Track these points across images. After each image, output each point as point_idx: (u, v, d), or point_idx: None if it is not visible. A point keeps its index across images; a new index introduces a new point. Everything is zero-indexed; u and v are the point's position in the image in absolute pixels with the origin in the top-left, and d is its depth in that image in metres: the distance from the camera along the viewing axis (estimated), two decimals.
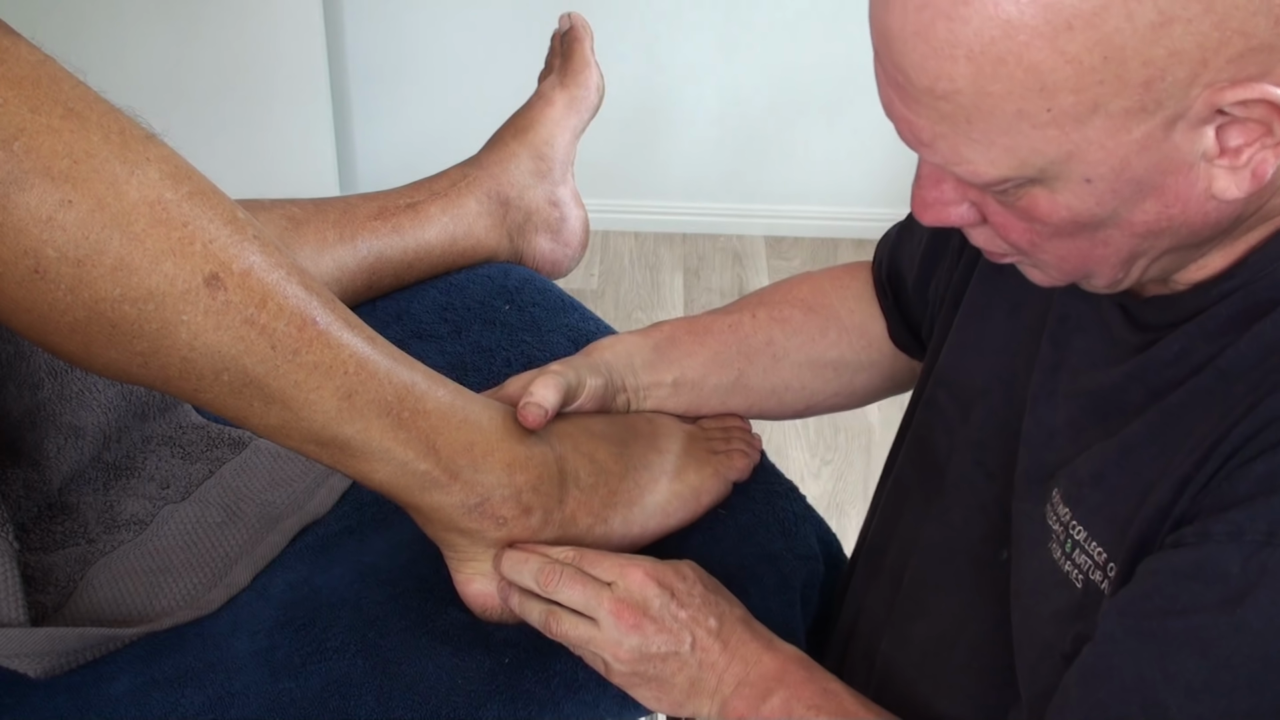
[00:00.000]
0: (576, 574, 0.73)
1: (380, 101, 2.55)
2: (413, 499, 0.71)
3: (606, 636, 0.72)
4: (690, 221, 2.72)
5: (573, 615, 0.73)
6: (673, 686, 0.73)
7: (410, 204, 1.04)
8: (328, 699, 0.71)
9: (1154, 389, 0.63)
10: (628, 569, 0.73)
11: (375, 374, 0.67)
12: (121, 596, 0.77)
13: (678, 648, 0.72)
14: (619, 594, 0.72)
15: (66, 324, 0.58)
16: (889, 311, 0.90)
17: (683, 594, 0.73)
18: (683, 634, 0.72)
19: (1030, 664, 0.68)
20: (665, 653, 0.72)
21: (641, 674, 0.73)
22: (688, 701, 0.73)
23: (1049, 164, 0.55)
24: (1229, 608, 0.54)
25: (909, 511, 0.82)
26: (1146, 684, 0.57)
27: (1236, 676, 0.54)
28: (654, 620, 0.72)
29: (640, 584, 0.73)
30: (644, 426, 0.83)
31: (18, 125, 0.56)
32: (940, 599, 0.78)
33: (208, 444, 0.90)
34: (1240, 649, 0.54)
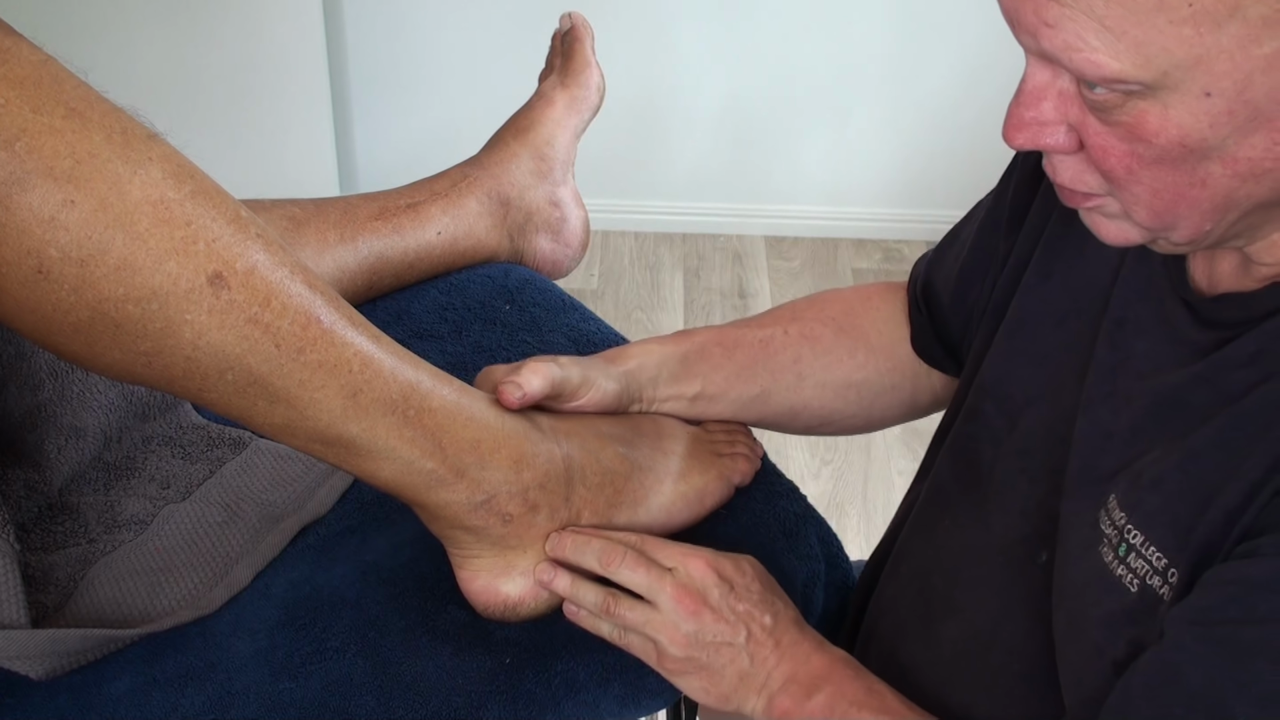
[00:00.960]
0: (640, 557, 0.75)
1: (380, 101, 2.55)
2: (418, 497, 0.71)
3: (665, 619, 0.73)
4: (690, 221, 2.72)
5: (631, 598, 0.74)
6: (723, 677, 0.74)
7: (411, 204, 1.04)
8: (328, 699, 0.71)
9: (1225, 392, 0.60)
10: (690, 557, 0.75)
11: (380, 372, 0.66)
12: (122, 596, 0.77)
13: (733, 639, 0.73)
14: (680, 579, 0.74)
15: (70, 324, 0.58)
16: (921, 326, 0.90)
17: (741, 588, 0.75)
18: (739, 626, 0.73)
19: (1075, 668, 0.67)
20: (720, 642, 0.73)
21: (695, 660, 0.73)
22: (735, 694, 0.74)
23: (1174, 67, 0.51)
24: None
25: (946, 518, 0.81)
26: (1216, 690, 0.56)
27: None
28: (712, 609, 0.73)
29: (702, 573, 0.74)
30: (649, 428, 0.83)
31: (20, 125, 0.55)
32: (973, 600, 0.76)
33: (208, 444, 0.90)
34: None
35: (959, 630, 0.77)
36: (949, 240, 0.89)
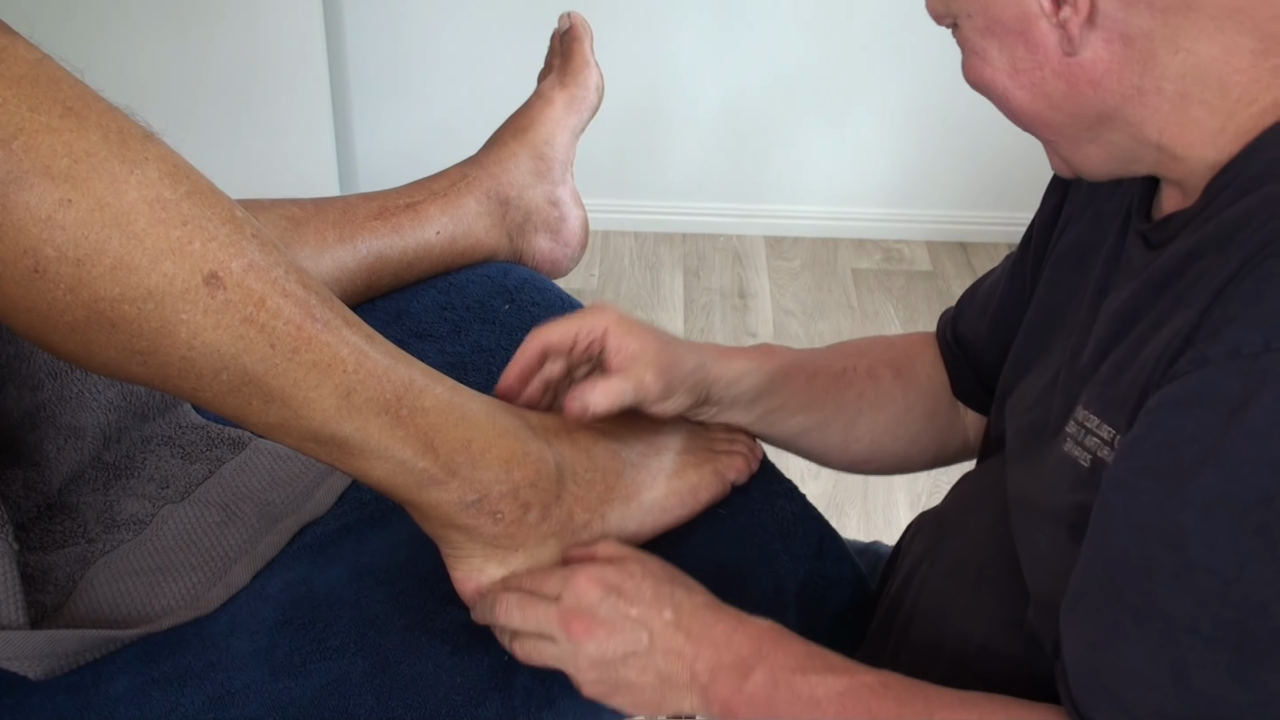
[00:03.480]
0: (521, 598, 0.72)
1: (380, 101, 2.55)
2: (411, 496, 0.71)
3: (563, 651, 0.71)
4: (690, 221, 2.72)
5: (534, 637, 0.72)
6: (642, 688, 0.71)
7: (410, 204, 1.04)
8: (327, 698, 0.71)
9: (1162, 284, 0.64)
10: (571, 578, 0.72)
11: (374, 372, 0.67)
12: (121, 596, 0.77)
13: (634, 647, 0.70)
14: (566, 605, 0.71)
15: (66, 323, 0.58)
16: (960, 372, 0.93)
17: (630, 592, 0.72)
18: (638, 632, 0.70)
19: (1033, 553, 0.70)
20: (623, 654, 0.70)
21: (607, 681, 0.71)
22: (664, 700, 0.71)
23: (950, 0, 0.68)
24: (1235, 418, 0.54)
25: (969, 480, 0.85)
26: (1163, 513, 0.56)
27: (1248, 486, 0.53)
28: (604, 624, 0.70)
29: (584, 590, 0.71)
30: (644, 424, 0.83)
31: (16, 124, 0.55)
32: (969, 521, 0.80)
33: (207, 444, 0.90)
34: (1249, 455, 0.53)
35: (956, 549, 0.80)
36: (969, 294, 0.94)
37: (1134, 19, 0.61)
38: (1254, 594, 0.53)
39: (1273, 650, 0.54)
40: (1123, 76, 0.63)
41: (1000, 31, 0.66)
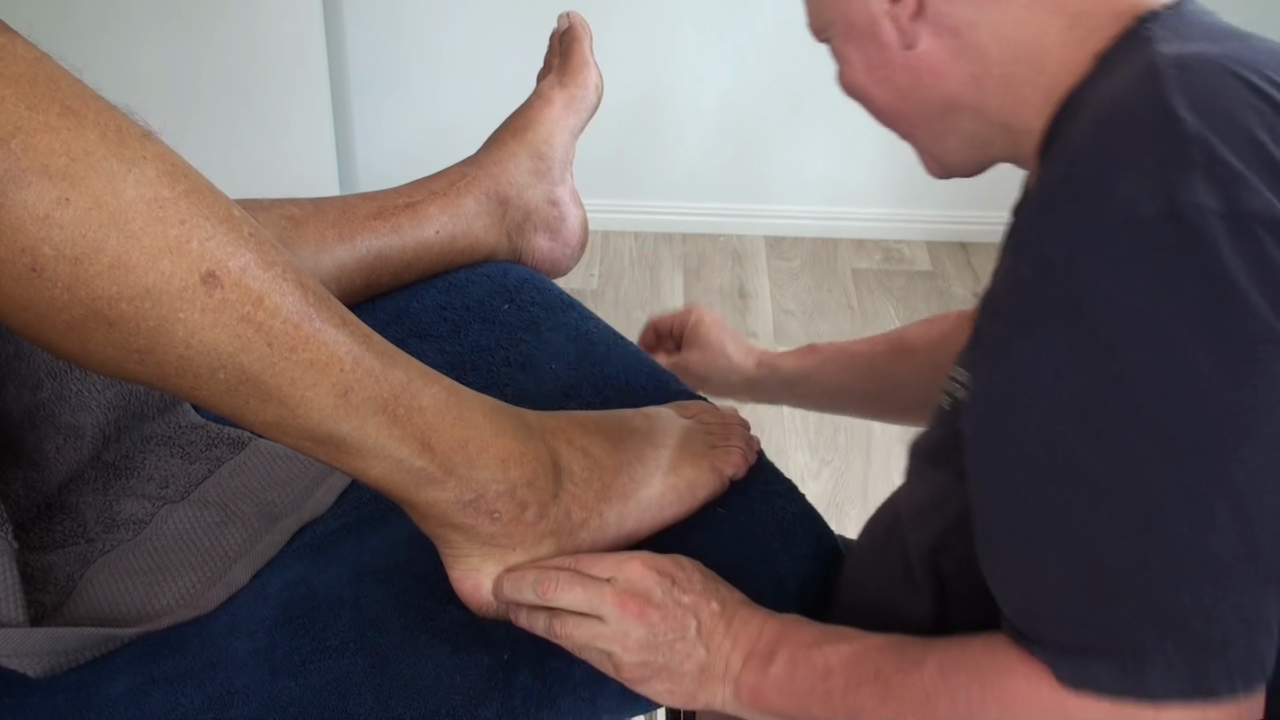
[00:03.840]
0: (574, 576, 0.74)
1: (380, 101, 2.55)
2: (408, 495, 0.71)
3: (613, 630, 0.72)
4: (690, 221, 2.72)
5: (576, 616, 0.73)
6: (683, 675, 0.72)
7: (409, 203, 1.04)
8: (327, 698, 0.71)
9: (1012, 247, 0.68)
10: (625, 563, 0.74)
11: (371, 371, 0.67)
12: (120, 595, 0.78)
13: (684, 633, 0.72)
14: (620, 586, 0.73)
15: (64, 322, 0.58)
16: None
17: (683, 580, 0.74)
18: (687, 619, 0.72)
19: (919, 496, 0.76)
20: (672, 639, 0.72)
21: (651, 664, 0.72)
22: (701, 690, 0.73)
23: (816, 14, 0.76)
24: (1040, 326, 0.58)
25: None
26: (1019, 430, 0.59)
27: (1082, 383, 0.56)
28: (658, 607, 0.72)
29: (640, 574, 0.73)
30: (640, 422, 0.84)
31: (15, 123, 0.55)
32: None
33: (207, 444, 0.90)
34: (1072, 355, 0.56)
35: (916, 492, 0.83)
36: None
37: (958, 11, 0.68)
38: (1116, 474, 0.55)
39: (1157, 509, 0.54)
40: (957, 65, 0.70)
41: (856, 35, 0.73)
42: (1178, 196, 0.53)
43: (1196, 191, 0.53)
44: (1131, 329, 0.54)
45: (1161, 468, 0.53)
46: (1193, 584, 0.53)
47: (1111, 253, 0.54)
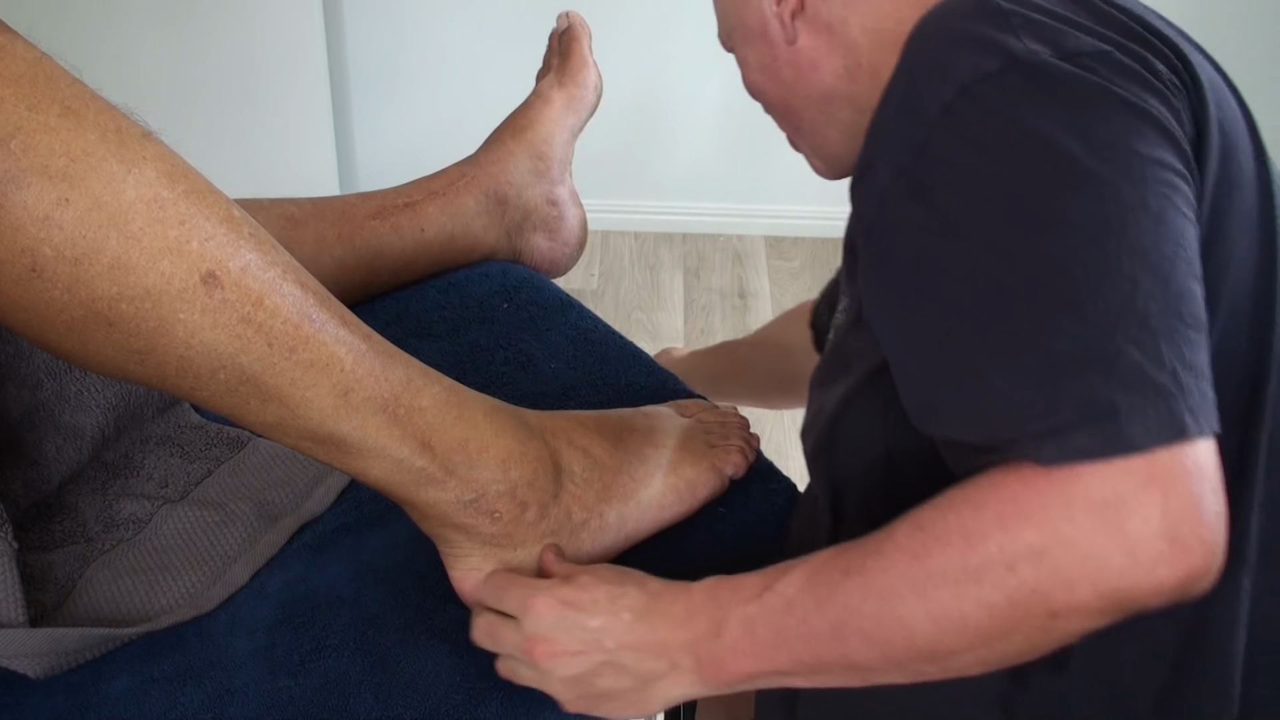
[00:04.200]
0: (489, 622, 0.72)
1: (380, 101, 2.55)
2: (408, 495, 0.71)
3: (539, 675, 0.70)
4: (690, 221, 2.72)
5: (512, 660, 0.71)
6: (622, 693, 0.69)
7: (408, 203, 1.04)
8: (326, 696, 0.71)
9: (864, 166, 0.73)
10: (528, 602, 0.71)
11: (371, 371, 0.67)
12: (120, 595, 0.78)
13: (603, 657, 0.69)
14: (528, 632, 0.70)
15: (63, 322, 0.58)
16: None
17: (586, 604, 0.70)
18: (603, 642, 0.69)
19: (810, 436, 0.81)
20: (594, 667, 0.69)
21: (587, 696, 0.70)
22: (650, 698, 0.69)
23: (721, 22, 0.83)
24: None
25: None
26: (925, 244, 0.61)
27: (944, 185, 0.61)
28: (565, 645, 0.69)
29: (541, 614, 0.70)
30: (640, 421, 0.84)
31: (14, 123, 0.55)
32: None
33: (206, 443, 0.90)
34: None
35: None
36: None
37: (832, 10, 0.75)
38: (1043, 268, 0.57)
39: (1086, 285, 0.56)
40: (832, 58, 0.76)
41: (751, 37, 0.80)
42: (1012, 49, 0.61)
43: (1026, 43, 0.61)
44: (1010, 150, 0.59)
45: (1078, 251, 0.56)
46: (1137, 340, 0.54)
47: (970, 105, 0.60)
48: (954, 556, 0.56)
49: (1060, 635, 0.55)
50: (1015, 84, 0.60)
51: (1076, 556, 0.53)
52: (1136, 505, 0.52)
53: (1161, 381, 0.54)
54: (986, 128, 0.60)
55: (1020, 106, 0.60)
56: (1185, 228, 0.59)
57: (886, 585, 0.58)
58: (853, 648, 0.60)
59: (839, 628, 0.60)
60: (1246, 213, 0.66)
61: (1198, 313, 0.57)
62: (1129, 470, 0.52)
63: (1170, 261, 0.57)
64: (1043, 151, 0.58)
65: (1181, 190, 0.60)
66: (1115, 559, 0.52)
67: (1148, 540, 0.52)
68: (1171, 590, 0.53)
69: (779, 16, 0.77)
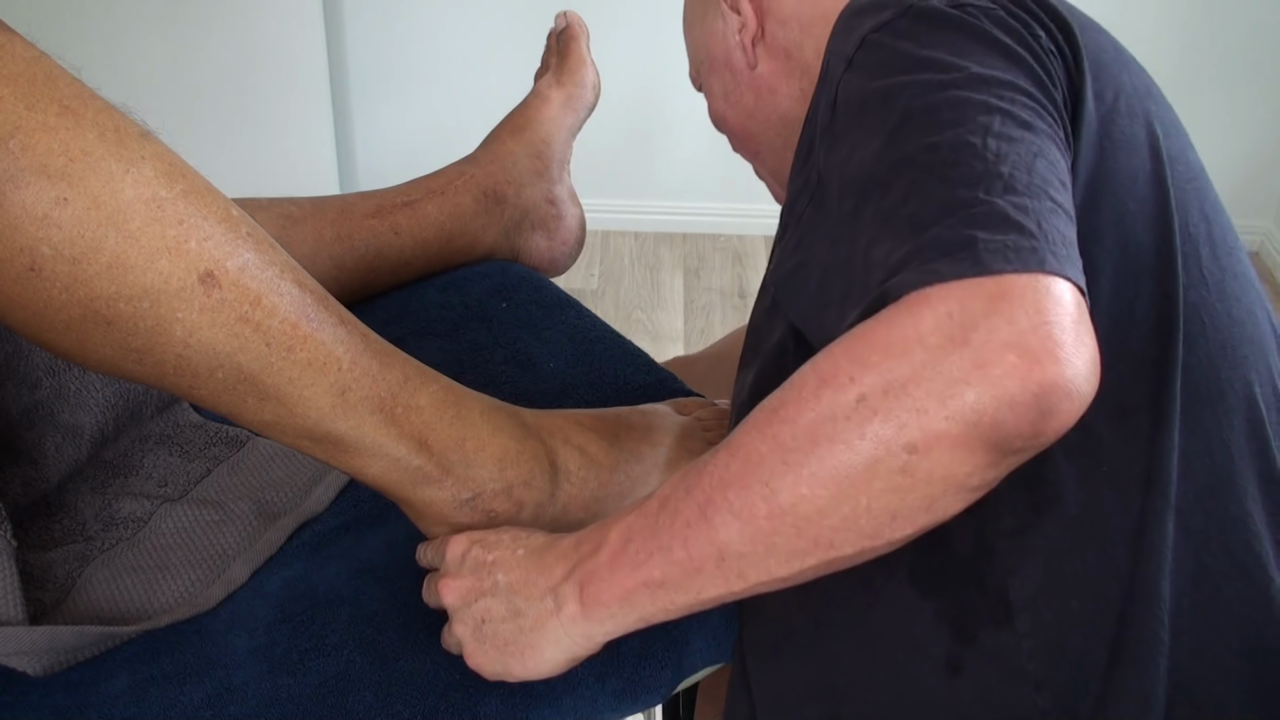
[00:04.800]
0: (431, 575, 0.73)
1: (380, 101, 2.56)
2: (405, 494, 0.71)
3: (449, 623, 0.70)
4: (690, 221, 2.72)
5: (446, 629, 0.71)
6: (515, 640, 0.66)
7: (407, 202, 1.04)
8: (326, 695, 0.71)
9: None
10: (447, 540, 0.71)
11: (369, 370, 0.67)
12: (119, 594, 0.78)
13: (495, 593, 0.67)
14: (441, 571, 0.71)
15: (62, 321, 0.59)
16: None
17: (490, 541, 0.69)
18: (494, 574, 0.67)
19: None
20: (487, 605, 0.67)
21: (484, 641, 0.67)
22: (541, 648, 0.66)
23: (691, 57, 0.88)
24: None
25: None
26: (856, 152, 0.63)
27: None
28: (464, 580, 0.69)
29: (451, 550, 0.70)
30: (637, 420, 0.84)
31: (13, 123, 0.56)
32: None
33: (205, 442, 0.90)
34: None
35: None
36: None
37: (788, 35, 0.78)
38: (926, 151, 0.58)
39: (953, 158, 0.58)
40: (789, 82, 0.80)
41: (716, 67, 0.84)
42: (906, 1, 0.66)
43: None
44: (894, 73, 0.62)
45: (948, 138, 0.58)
46: (1001, 195, 0.55)
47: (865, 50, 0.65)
48: (808, 399, 0.54)
49: (926, 483, 0.52)
50: (903, 25, 0.65)
51: (923, 376, 0.50)
52: (984, 320, 0.50)
53: (1024, 224, 0.53)
54: (876, 62, 0.64)
55: (905, 40, 0.64)
56: (1051, 143, 0.60)
57: (748, 447, 0.56)
58: (720, 527, 0.57)
59: (705, 506, 0.57)
60: (1135, 173, 0.67)
61: (1064, 201, 0.57)
62: (979, 289, 0.51)
63: (1034, 155, 0.58)
64: (922, 69, 0.62)
65: (1048, 119, 0.61)
66: (961, 375, 0.50)
67: (995, 353, 0.49)
68: (1026, 408, 0.50)
69: (741, 44, 0.81)
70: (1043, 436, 0.51)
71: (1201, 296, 0.66)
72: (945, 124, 0.59)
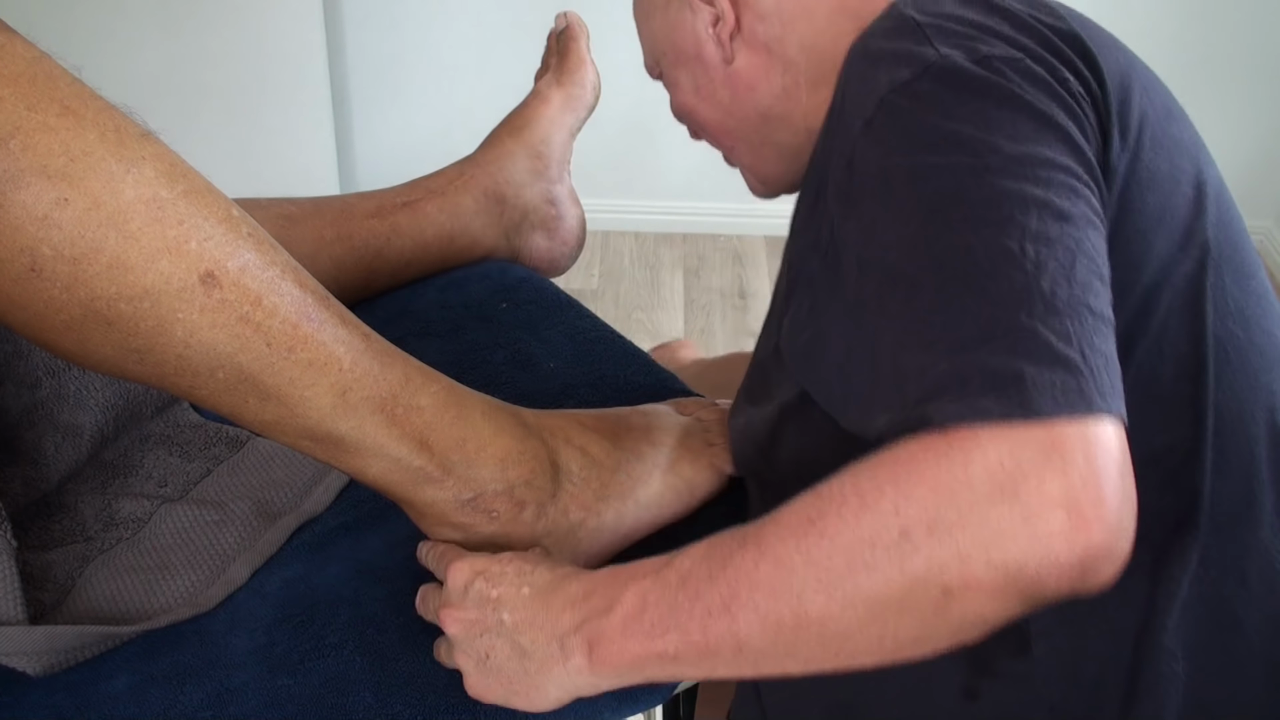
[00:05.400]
0: (428, 588, 0.73)
1: (380, 101, 2.56)
2: (406, 494, 0.71)
3: (449, 647, 0.69)
4: (690, 221, 2.72)
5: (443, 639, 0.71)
6: (517, 677, 0.66)
7: (407, 202, 1.04)
8: (326, 695, 0.71)
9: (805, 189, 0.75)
10: (450, 565, 0.70)
11: (369, 370, 0.67)
12: (119, 594, 0.78)
13: (498, 630, 0.67)
14: (443, 597, 0.70)
15: (62, 321, 0.59)
16: None
17: (495, 574, 0.68)
18: (500, 612, 0.67)
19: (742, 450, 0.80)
20: (491, 641, 0.67)
21: (486, 674, 0.67)
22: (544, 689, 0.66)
23: (650, 48, 0.84)
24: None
25: None
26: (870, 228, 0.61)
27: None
28: (467, 612, 0.68)
29: (454, 578, 0.69)
30: (638, 420, 0.84)
31: (14, 123, 0.56)
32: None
33: (205, 442, 0.90)
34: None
35: None
36: None
37: (769, 30, 0.75)
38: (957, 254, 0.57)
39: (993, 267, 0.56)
40: (769, 78, 0.77)
41: (684, 60, 0.81)
42: (926, 57, 0.62)
43: (940, 49, 0.62)
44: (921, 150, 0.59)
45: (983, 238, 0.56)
46: (1042, 318, 0.53)
47: (886, 115, 0.62)
48: (848, 519, 0.53)
49: (957, 621, 0.52)
50: (926, 89, 0.61)
51: (970, 524, 0.50)
52: (1034, 472, 0.49)
53: (1069, 357, 0.53)
54: (899, 132, 0.61)
55: (931, 109, 0.61)
56: (1089, 230, 0.58)
57: (780, 553, 0.55)
58: (743, 623, 0.56)
59: (730, 600, 0.57)
60: (1162, 210, 0.66)
61: (1104, 308, 0.56)
62: (1030, 437, 0.50)
63: (1073, 255, 0.56)
64: (951, 149, 0.59)
65: (1084, 194, 0.59)
66: (1009, 527, 0.49)
67: (1045, 509, 0.49)
68: (1070, 569, 0.50)
69: (716, 37, 0.78)
70: (1078, 593, 0.51)
71: (1228, 329, 0.66)
72: (979, 222, 0.56)
